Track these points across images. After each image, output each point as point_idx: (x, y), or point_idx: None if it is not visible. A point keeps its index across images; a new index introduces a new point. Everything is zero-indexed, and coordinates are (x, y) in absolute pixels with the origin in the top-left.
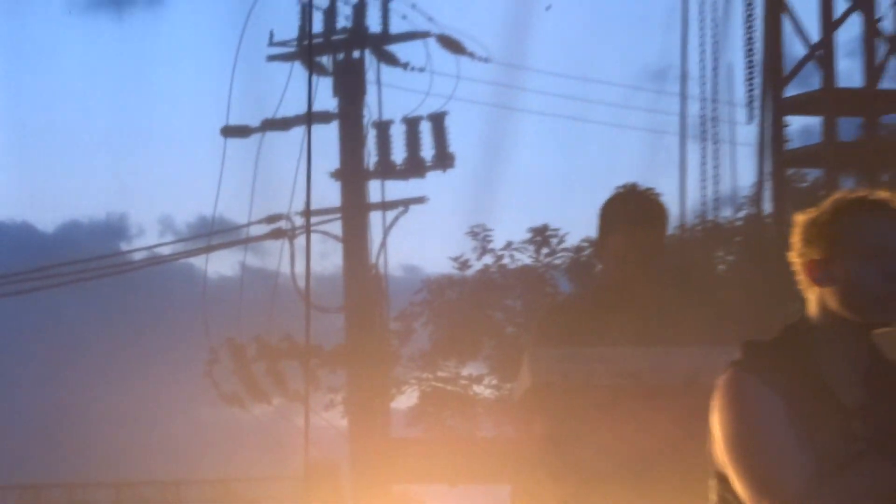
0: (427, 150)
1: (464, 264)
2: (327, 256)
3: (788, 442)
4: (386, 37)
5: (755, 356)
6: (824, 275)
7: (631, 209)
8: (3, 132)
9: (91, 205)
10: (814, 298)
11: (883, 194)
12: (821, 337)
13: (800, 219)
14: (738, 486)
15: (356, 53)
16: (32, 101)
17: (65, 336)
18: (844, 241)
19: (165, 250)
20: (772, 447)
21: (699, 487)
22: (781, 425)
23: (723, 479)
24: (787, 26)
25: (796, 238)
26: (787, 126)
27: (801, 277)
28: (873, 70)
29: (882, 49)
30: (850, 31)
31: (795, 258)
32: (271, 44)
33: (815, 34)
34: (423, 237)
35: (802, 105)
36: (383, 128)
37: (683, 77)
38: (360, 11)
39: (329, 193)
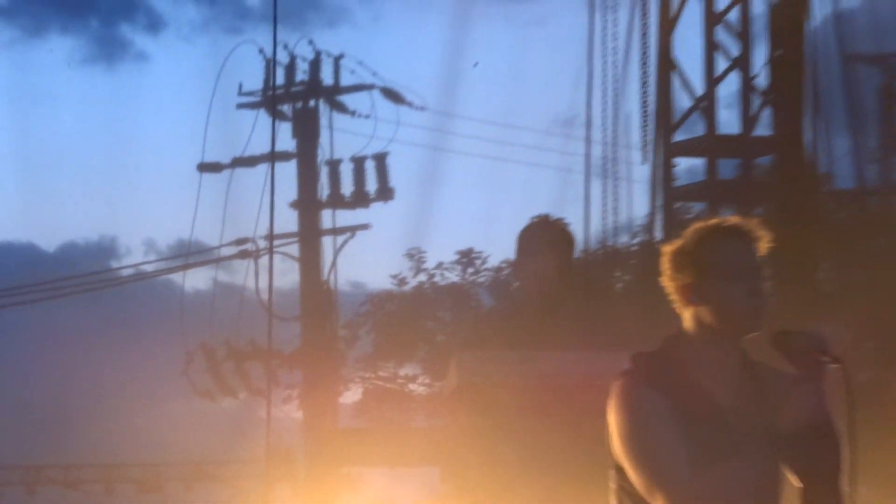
0: (371, 185)
1: (402, 281)
2: (286, 274)
3: (673, 439)
4: (337, 89)
5: (642, 366)
6: (697, 296)
7: (544, 236)
8: (12, 166)
9: (86, 228)
10: (689, 315)
11: (734, 220)
12: (697, 346)
13: (667, 248)
14: (633, 476)
15: (312, 102)
16: (37, 140)
17: (64, 340)
18: (710, 266)
19: (149, 268)
20: (659, 444)
21: (599, 474)
22: (666, 425)
23: (620, 470)
24: (676, 82)
25: (666, 265)
26: (675, 166)
27: (675, 298)
28: (748, 119)
29: (756, 102)
30: (729, 87)
31: (667, 282)
32: (240, 94)
33: (699, 89)
34: (368, 258)
35: (688, 148)
36: (334, 165)
37: (588, 124)
38: (315, 67)
39: (288, 221)
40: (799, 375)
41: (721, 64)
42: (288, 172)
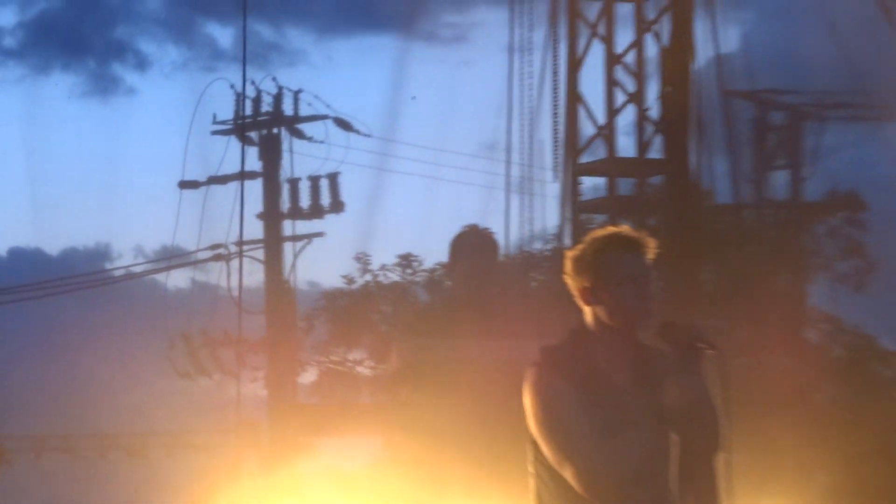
0: (325, 199)
1: (350, 280)
2: (253, 274)
3: (577, 419)
4: (297, 118)
5: (549, 357)
6: (593, 298)
7: (472, 242)
8: (23, 183)
9: (84, 235)
10: (588, 311)
11: (626, 231)
12: (596, 338)
13: (569, 254)
14: (546, 451)
15: (275, 130)
16: (44, 161)
17: (65, 330)
18: (604, 273)
19: (138, 269)
20: (565, 424)
21: (519, 445)
22: (571, 407)
23: (535, 445)
24: (581, 113)
25: (568, 269)
26: (581, 184)
27: (576, 298)
28: (643, 145)
29: (649, 130)
30: (626, 118)
31: (569, 283)
32: (214, 122)
33: (601, 119)
34: (322, 261)
35: (592, 169)
36: (294, 183)
37: (508, 149)
38: (278, 100)
39: (255, 229)
40: (679, 360)
41: (620, 98)
42: (255, 189)
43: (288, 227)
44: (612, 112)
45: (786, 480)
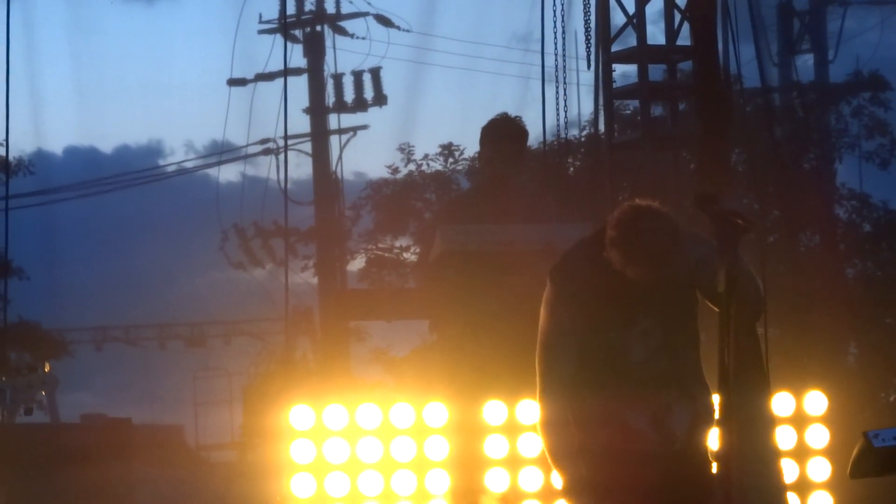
0: (368, 93)
1: (395, 170)
2: (301, 167)
3: (566, 333)
4: (339, 16)
5: (557, 275)
6: None
7: (499, 129)
8: (75, 84)
9: (137, 133)
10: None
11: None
12: (594, 260)
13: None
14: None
15: (319, 27)
16: (95, 63)
17: (122, 225)
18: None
19: (189, 164)
20: (553, 334)
21: None
22: (567, 324)
23: None
24: (612, 2)
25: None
26: (613, 71)
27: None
28: (672, 32)
29: (677, 18)
30: (655, 6)
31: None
32: (260, 22)
33: (631, 8)
34: (367, 152)
35: (623, 57)
36: (338, 78)
37: (542, 39)
38: None
39: (301, 123)
40: (722, 239)
41: None
42: (300, 85)
43: (333, 120)
44: (642, 1)
45: (818, 353)
